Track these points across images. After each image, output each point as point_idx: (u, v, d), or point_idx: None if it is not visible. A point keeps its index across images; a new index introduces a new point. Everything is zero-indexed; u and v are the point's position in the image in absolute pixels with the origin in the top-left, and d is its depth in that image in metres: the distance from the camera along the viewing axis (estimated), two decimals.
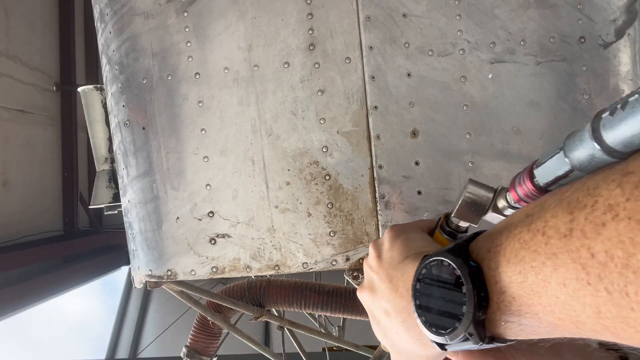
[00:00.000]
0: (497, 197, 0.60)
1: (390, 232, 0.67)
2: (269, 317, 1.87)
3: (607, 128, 0.35)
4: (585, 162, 0.39)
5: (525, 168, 0.51)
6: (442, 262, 0.46)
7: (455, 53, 1.11)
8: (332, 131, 1.11)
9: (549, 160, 0.44)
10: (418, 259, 0.54)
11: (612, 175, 0.35)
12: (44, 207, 5.94)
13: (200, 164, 1.14)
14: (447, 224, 0.66)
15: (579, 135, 0.39)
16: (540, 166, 0.46)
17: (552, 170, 0.44)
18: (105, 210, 2.21)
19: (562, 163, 0.42)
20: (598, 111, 0.37)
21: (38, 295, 5.36)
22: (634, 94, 0.32)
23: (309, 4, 1.11)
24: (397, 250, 0.61)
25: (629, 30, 1.14)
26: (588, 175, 0.40)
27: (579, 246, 0.35)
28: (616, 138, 0.34)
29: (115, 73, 1.22)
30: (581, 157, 0.39)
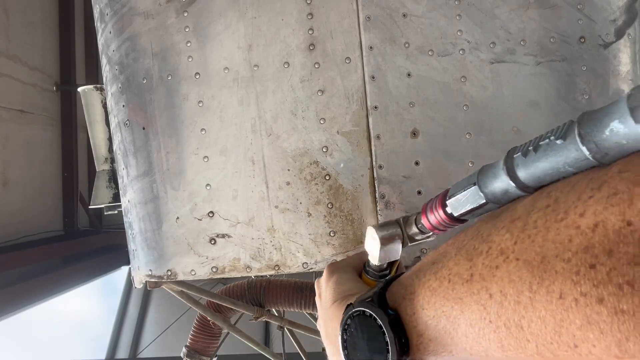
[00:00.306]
0: (405, 225, 0.64)
1: (326, 271, 0.73)
2: (269, 317, 1.87)
3: (521, 168, 0.39)
4: (499, 196, 0.42)
5: (436, 196, 0.54)
6: (363, 312, 0.51)
7: (455, 53, 1.11)
8: (332, 131, 1.11)
9: (461, 193, 0.47)
10: (343, 305, 0.60)
11: (502, 222, 0.40)
12: (44, 207, 5.94)
13: (200, 164, 1.14)
14: (369, 267, 0.70)
15: (492, 171, 0.42)
16: (452, 198, 0.49)
17: (465, 202, 0.47)
18: (105, 210, 2.21)
19: (477, 197, 0.45)
20: (510, 150, 0.40)
21: (38, 295, 5.35)
22: (544, 138, 0.36)
23: (309, 4, 1.11)
24: (329, 293, 0.68)
25: (629, 30, 1.14)
26: (480, 221, 0.44)
27: (479, 288, 0.39)
28: (529, 177, 0.38)
29: (115, 73, 1.22)
30: (496, 192, 0.42)
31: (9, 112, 5.32)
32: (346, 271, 0.72)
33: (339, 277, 0.70)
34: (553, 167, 0.36)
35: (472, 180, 0.45)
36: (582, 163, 0.34)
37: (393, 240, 0.63)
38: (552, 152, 0.36)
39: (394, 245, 0.64)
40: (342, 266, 0.74)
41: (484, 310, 0.38)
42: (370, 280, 0.70)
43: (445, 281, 0.43)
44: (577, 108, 1.12)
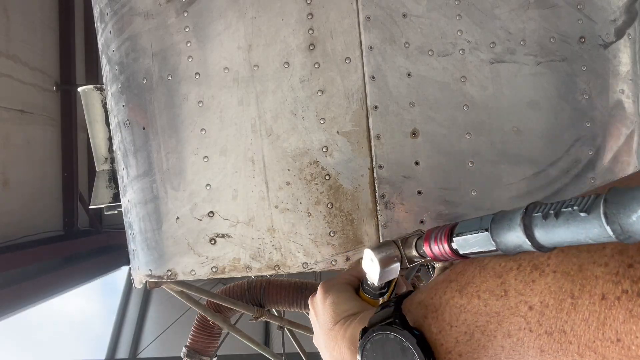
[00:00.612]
0: (404, 246, 0.64)
1: (321, 290, 0.72)
2: (269, 317, 1.87)
3: (540, 229, 0.38)
4: (511, 248, 0.42)
5: (442, 228, 0.54)
6: (387, 335, 0.50)
7: (455, 53, 1.11)
8: (332, 131, 1.11)
9: (471, 234, 0.47)
10: (349, 326, 0.60)
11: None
12: (44, 207, 5.94)
13: (200, 164, 1.14)
14: (367, 286, 0.69)
15: (507, 223, 0.42)
16: (461, 236, 0.49)
17: (474, 244, 0.47)
18: (105, 210, 2.21)
19: (487, 243, 0.45)
20: (529, 206, 0.40)
21: (38, 295, 5.35)
22: (567, 205, 0.36)
23: (309, 4, 1.11)
24: (328, 314, 0.67)
25: (629, 30, 1.14)
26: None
27: (517, 302, 0.41)
28: (547, 240, 0.38)
29: (115, 73, 1.22)
30: (508, 245, 0.42)
31: (9, 112, 5.32)
32: (343, 290, 0.71)
33: (335, 297, 0.69)
34: (573, 237, 0.36)
35: (485, 226, 0.45)
36: (604, 239, 0.34)
37: (392, 262, 0.64)
38: (574, 223, 0.35)
39: (393, 266, 0.64)
40: (336, 284, 0.73)
41: (523, 321, 0.41)
42: (369, 298, 0.70)
43: (475, 298, 0.45)
44: (577, 108, 1.12)
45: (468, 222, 0.48)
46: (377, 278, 0.64)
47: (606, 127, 1.13)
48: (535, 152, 1.11)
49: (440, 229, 0.54)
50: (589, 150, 1.12)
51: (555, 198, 1.11)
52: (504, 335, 0.42)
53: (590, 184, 1.12)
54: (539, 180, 1.11)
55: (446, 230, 0.52)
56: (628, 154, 1.14)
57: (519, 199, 1.10)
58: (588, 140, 1.12)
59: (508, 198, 1.10)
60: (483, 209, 1.09)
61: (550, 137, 1.11)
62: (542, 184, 1.11)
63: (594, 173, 1.12)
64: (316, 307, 0.72)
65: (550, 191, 1.11)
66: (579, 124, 1.12)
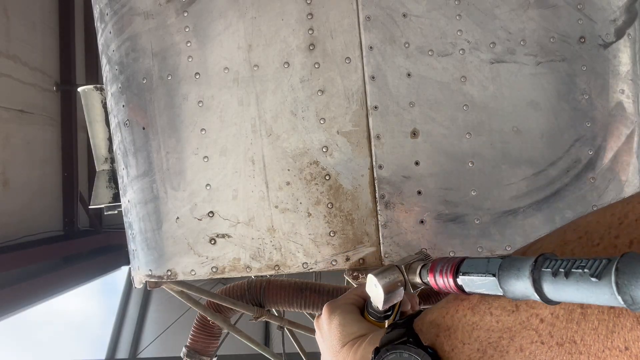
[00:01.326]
0: (408, 272, 0.64)
1: (327, 311, 0.72)
2: (269, 317, 1.86)
3: (549, 285, 0.39)
4: (517, 296, 0.43)
5: (448, 261, 0.54)
6: (401, 354, 0.51)
7: (455, 53, 1.11)
8: (332, 131, 1.11)
9: (478, 277, 0.47)
10: (354, 346, 0.61)
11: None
12: (44, 207, 5.94)
13: (200, 164, 1.14)
14: (372, 309, 0.69)
15: (515, 273, 0.43)
16: (467, 276, 0.49)
17: (480, 287, 0.47)
18: (105, 210, 2.21)
19: (494, 288, 0.45)
20: (538, 258, 0.40)
21: (38, 295, 5.35)
22: (578, 266, 0.36)
23: (309, 4, 1.11)
24: (335, 336, 0.67)
25: (629, 30, 1.14)
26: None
27: (529, 316, 0.43)
28: (555, 295, 0.39)
29: (115, 73, 1.22)
30: (516, 293, 0.43)
31: (9, 112, 5.32)
32: (348, 311, 0.71)
33: (342, 319, 0.69)
34: (582, 298, 0.36)
35: (492, 271, 0.45)
36: (614, 304, 0.34)
37: (395, 287, 0.64)
38: (584, 286, 0.36)
39: (397, 291, 0.64)
40: (342, 305, 0.73)
41: (535, 334, 0.42)
42: (374, 321, 0.70)
43: (487, 315, 0.46)
44: (577, 108, 1.12)
45: (475, 261, 0.49)
46: (381, 303, 0.65)
47: (606, 127, 1.13)
48: (535, 152, 1.11)
49: (446, 262, 0.54)
50: (589, 150, 1.12)
51: (556, 198, 1.11)
52: (517, 349, 0.43)
53: (590, 184, 1.12)
54: (539, 180, 1.11)
55: (452, 266, 0.52)
56: (628, 154, 1.14)
57: (519, 199, 1.10)
58: (588, 140, 1.12)
59: (508, 198, 1.10)
60: (483, 209, 1.09)
61: (550, 137, 1.11)
62: (542, 184, 1.11)
63: (594, 173, 1.12)
64: (322, 329, 0.72)
65: (550, 191, 1.11)
66: (579, 124, 1.12)
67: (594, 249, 0.40)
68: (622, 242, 0.38)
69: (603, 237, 0.40)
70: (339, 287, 1.82)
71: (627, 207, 0.40)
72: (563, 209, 1.11)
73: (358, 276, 1.10)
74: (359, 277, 1.10)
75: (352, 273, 1.10)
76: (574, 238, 0.43)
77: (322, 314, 0.74)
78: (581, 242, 0.42)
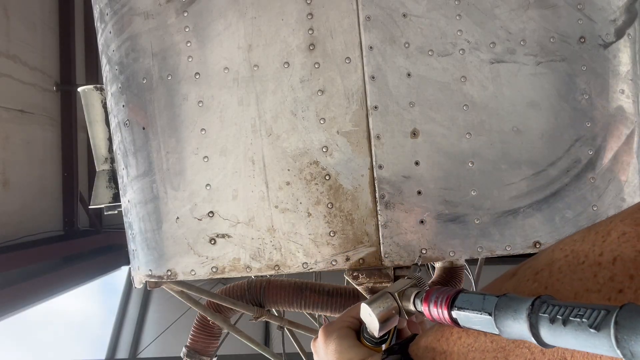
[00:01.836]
0: (402, 299, 0.65)
1: (323, 335, 0.73)
2: (269, 317, 1.86)
3: (546, 330, 0.39)
4: (513, 336, 0.43)
5: (442, 293, 0.54)
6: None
7: (455, 53, 1.11)
8: (332, 131, 1.11)
9: (474, 314, 0.47)
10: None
11: (526, 277, 0.46)
12: (44, 207, 5.94)
13: (200, 164, 1.14)
14: (368, 335, 0.69)
15: (512, 314, 0.43)
16: (462, 311, 0.49)
17: (475, 323, 0.48)
18: (105, 210, 2.21)
19: (490, 326, 0.45)
20: (535, 301, 0.41)
21: (38, 295, 5.35)
22: (576, 315, 0.37)
23: (309, 4, 1.11)
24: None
25: (629, 30, 1.14)
26: (501, 281, 0.49)
27: None
28: (551, 340, 0.39)
29: (115, 73, 1.22)
30: (512, 334, 0.43)
31: (9, 112, 5.32)
32: (344, 336, 0.71)
33: (338, 345, 0.69)
34: (580, 346, 0.36)
35: (488, 309, 0.45)
36: (611, 355, 0.34)
37: (390, 315, 0.65)
38: (582, 335, 0.35)
39: (392, 318, 0.65)
40: (337, 329, 0.73)
41: (528, 352, 0.43)
42: (371, 346, 0.70)
43: (482, 336, 0.47)
44: (577, 108, 1.12)
45: (470, 297, 0.49)
46: (377, 331, 0.65)
47: (606, 127, 1.13)
48: (535, 152, 1.11)
49: (441, 293, 0.54)
50: (589, 150, 1.12)
51: (556, 198, 1.11)
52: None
53: (590, 184, 1.12)
54: (539, 180, 1.11)
55: (447, 299, 0.52)
56: (628, 154, 1.14)
57: (519, 199, 1.10)
58: (588, 140, 1.12)
59: (508, 198, 1.10)
60: (483, 209, 1.09)
61: (550, 137, 1.11)
62: (542, 184, 1.11)
63: (594, 173, 1.12)
64: (319, 353, 0.73)
65: (550, 191, 1.11)
66: (579, 124, 1.12)
67: (579, 267, 0.42)
68: (605, 259, 0.40)
69: (588, 255, 0.41)
70: (339, 287, 1.82)
71: (610, 225, 0.41)
72: (563, 209, 1.11)
73: (358, 276, 1.10)
74: (359, 277, 1.10)
75: (352, 273, 1.10)
76: (561, 256, 0.44)
77: (318, 338, 0.75)
78: (567, 260, 0.43)
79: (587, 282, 0.40)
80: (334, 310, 1.80)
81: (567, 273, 0.42)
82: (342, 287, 1.84)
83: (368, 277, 1.10)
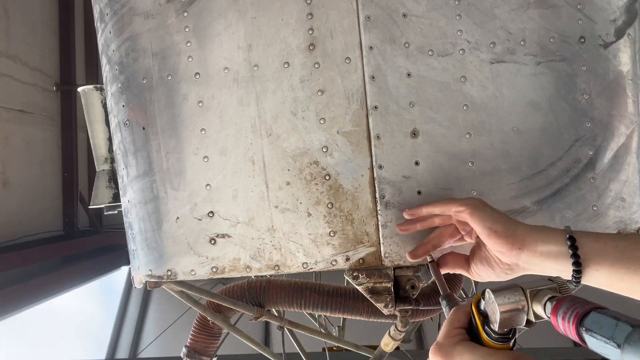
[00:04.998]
0: (533, 300, 0.59)
1: (440, 355, 0.67)
2: (269, 317, 1.86)
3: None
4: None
5: (573, 308, 0.50)
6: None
7: (455, 53, 1.11)
8: (332, 131, 1.11)
9: (602, 340, 0.44)
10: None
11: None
12: (44, 207, 5.94)
13: (200, 164, 1.14)
14: (494, 333, 0.63)
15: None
16: (591, 334, 0.46)
17: (602, 351, 0.44)
18: (105, 210, 2.21)
19: (616, 356, 0.42)
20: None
21: (38, 295, 5.35)
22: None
23: (309, 4, 1.11)
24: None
25: (629, 30, 1.14)
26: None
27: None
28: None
29: (115, 73, 1.22)
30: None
31: (9, 112, 5.32)
32: (472, 349, 0.65)
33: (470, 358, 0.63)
34: None
35: (618, 340, 0.41)
36: None
37: (515, 311, 0.59)
38: None
39: (516, 316, 0.59)
40: (456, 344, 0.67)
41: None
42: (494, 343, 0.64)
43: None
44: (577, 108, 1.12)
45: (601, 319, 0.45)
46: (496, 324, 0.60)
47: (606, 127, 1.13)
48: (535, 152, 1.11)
49: (571, 306, 0.50)
50: (589, 150, 1.12)
51: (556, 198, 1.11)
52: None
53: (590, 184, 1.12)
54: (539, 180, 1.11)
55: (576, 316, 0.49)
56: (628, 154, 1.14)
57: (519, 199, 1.10)
58: (588, 140, 1.12)
59: (508, 198, 1.10)
60: None
61: (550, 137, 1.11)
62: (542, 184, 1.11)
63: (594, 173, 1.12)
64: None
65: (550, 191, 1.11)
66: (579, 124, 1.12)
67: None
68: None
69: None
70: (339, 287, 1.82)
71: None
72: (563, 209, 1.11)
73: (358, 276, 1.10)
74: (359, 277, 1.10)
75: (352, 273, 1.10)
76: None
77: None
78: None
79: None
80: (334, 310, 1.80)
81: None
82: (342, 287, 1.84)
83: (368, 277, 1.10)
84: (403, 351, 3.27)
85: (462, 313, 0.71)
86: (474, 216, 0.88)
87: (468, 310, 0.70)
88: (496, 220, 0.85)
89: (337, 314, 1.82)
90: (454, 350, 0.65)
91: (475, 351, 0.64)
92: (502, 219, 0.86)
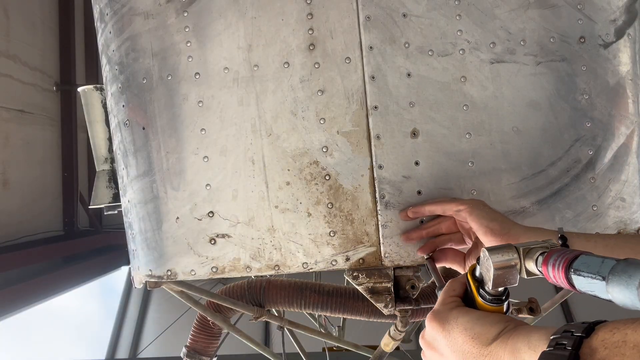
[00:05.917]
0: (525, 257, 0.61)
1: (437, 325, 0.68)
2: (269, 317, 1.86)
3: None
4: (626, 304, 0.41)
5: (562, 256, 0.52)
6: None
7: (455, 53, 1.11)
8: (332, 131, 1.11)
9: (589, 277, 0.46)
10: (506, 342, 0.57)
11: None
12: (44, 207, 5.94)
13: (200, 164, 1.14)
14: (487, 294, 0.65)
15: (625, 280, 0.41)
16: (579, 274, 0.48)
17: (589, 288, 0.46)
18: (105, 210, 2.21)
19: (602, 291, 0.44)
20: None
21: (38, 295, 5.35)
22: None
23: (309, 4, 1.11)
24: (469, 343, 0.62)
25: (629, 30, 1.14)
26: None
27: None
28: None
29: (115, 73, 1.22)
30: (624, 301, 0.41)
31: (9, 112, 5.32)
32: (466, 312, 0.67)
33: (467, 323, 0.64)
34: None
35: (603, 273, 0.43)
36: None
37: (509, 269, 0.60)
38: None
39: (509, 274, 0.60)
40: (451, 309, 0.68)
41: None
42: (488, 305, 0.66)
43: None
44: (577, 108, 1.12)
45: (589, 259, 0.47)
46: (490, 282, 0.61)
47: (606, 127, 1.13)
48: (535, 152, 1.11)
49: (560, 255, 0.52)
50: (589, 150, 1.12)
51: (556, 198, 1.11)
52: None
53: (590, 184, 1.12)
54: (539, 180, 1.11)
55: (565, 261, 0.50)
56: (628, 154, 1.14)
57: (519, 199, 1.10)
58: (588, 140, 1.12)
59: (508, 198, 1.10)
60: None
61: (550, 137, 1.11)
62: (542, 184, 1.11)
63: (594, 173, 1.12)
64: (439, 343, 0.68)
65: (550, 191, 1.11)
66: (579, 124, 1.12)
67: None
68: None
69: None
70: (339, 287, 1.82)
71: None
72: (563, 209, 1.11)
73: (358, 276, 1.10)
74: (359, 277, 1.10)
75: (352, 273, 1.10)
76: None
77: (428, 330, 0.70)
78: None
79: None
80: (334, 310, 1.80)
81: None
82: (342, 287, 1.84)
83: (368, 277, 1.10)
84: (403, 351, 3.27)
85: (457, 283, 0.73)
86: (472, 214, 0.93)
87: (463, 280, 0.72)
88: (493, 219, 0.91)
89: (337, 314, 1.82)
90: (450, 315, 0.67)
91: (470, 314, 0.66)
92: (499, 219, 0.91)
